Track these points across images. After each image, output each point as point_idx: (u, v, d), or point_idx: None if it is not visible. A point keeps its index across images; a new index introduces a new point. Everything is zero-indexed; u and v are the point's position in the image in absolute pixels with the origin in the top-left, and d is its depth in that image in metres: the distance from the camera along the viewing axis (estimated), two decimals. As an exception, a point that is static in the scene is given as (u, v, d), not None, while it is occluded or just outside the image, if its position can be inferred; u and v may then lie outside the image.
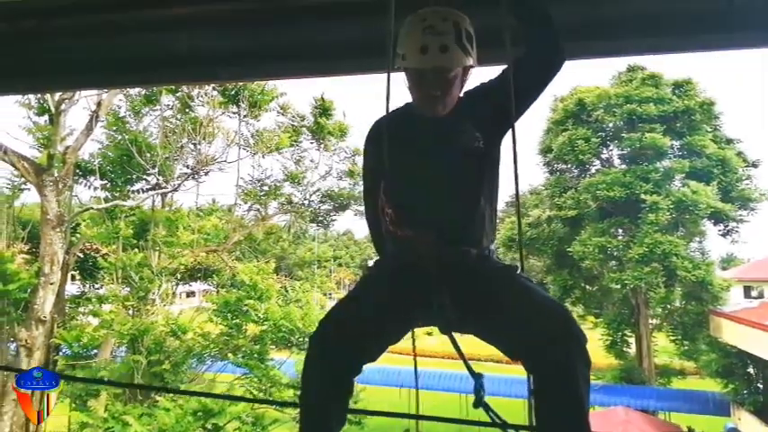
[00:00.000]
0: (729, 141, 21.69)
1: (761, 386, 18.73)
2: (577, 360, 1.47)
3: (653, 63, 22.60)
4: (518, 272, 1.69)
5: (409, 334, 1.89)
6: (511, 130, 1.77)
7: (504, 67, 1.77)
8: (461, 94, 1.77)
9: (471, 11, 2.14)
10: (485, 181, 1.73)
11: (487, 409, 1.61)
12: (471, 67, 1.71)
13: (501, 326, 1.60)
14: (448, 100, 1.70)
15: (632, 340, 22.29)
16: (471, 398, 1.67)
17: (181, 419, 7.80)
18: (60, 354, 11.39)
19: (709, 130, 21.30)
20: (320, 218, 14.07)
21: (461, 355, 1.72)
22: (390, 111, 1.79)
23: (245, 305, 9.87)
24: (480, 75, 1.84)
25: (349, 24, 2.59)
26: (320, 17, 2.58)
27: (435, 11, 1.67)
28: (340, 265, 43.89)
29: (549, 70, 1.76)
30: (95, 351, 11.29)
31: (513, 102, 1.69)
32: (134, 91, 12.80)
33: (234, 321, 10.14)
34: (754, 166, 21.76)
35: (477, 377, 1.63)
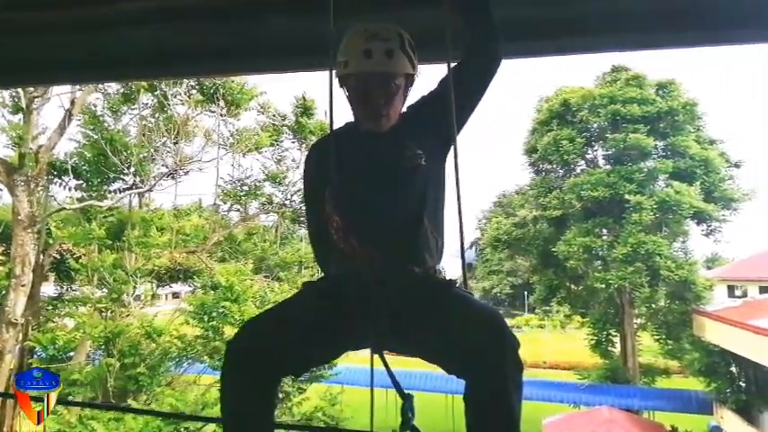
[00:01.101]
0: (712, 142, 21.87)
1: (743, 385, 18.86)
2: (509, 367, 1.42)
3: (636, 62, 22.73)
4: (456, 285, 1.62)
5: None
6: (454, 136, 1.71)
7: (443, 75, 1.73)
8: (403, 110, 1.72)
9: (412, 10, 2.09)
10: (428, 198, 1.66)
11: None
12: (413, 78, 1.68)
13: (436, 339, 1.53)
14: (392, 112, 1.65)
15: (617, 339, 22.38)
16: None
17: (150, 422, 7.66)
18: (35, 357, 11.17)
19: (693, 130, 21.43)
20: (301, 218, 13.95)
21: (391, 376, 1.62)
22: (332, 130, 1.74)
23: (222, 307, 9.74)
24: (422, 75, 1.80)
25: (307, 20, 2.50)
26: (287, 12, 2.47)
27: (376, 23, 1.64)
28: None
29: (487, 71, 1.74)
30: (72, 354, 11.09)
31: (453, 108, 1.64)
32: (112, 89, 12.59)
33: (210, 324, 9.99)
34: (737, 166, 21.98)
35: (406, 398, 1.56)
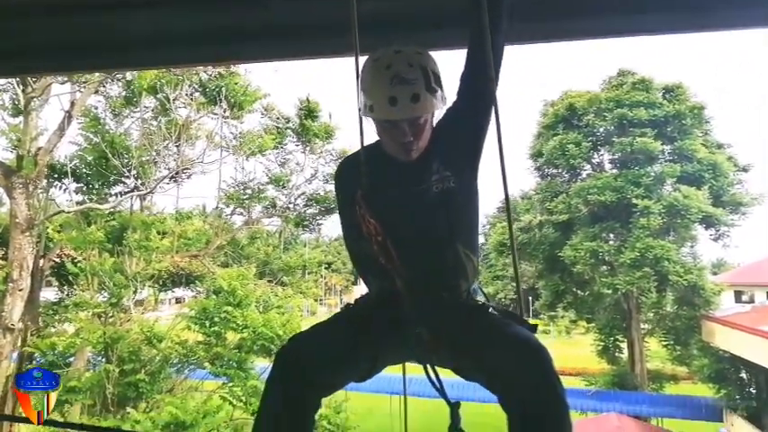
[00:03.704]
0: (720, 146, 21.64)
1: (753, 391, 18.58)
2: (547, 386, 1.41)
3: (643, 66, 22.56)
4: (489, 310, 1.64)
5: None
6: (497, 141, 1.70)
7: (459, 86, 1.74)
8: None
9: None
10: (457, 221, 1.67)
11: None
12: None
13: (472, 361, 1.57)
14: (421, 143, 1.64)
15: (624, 345, 22.10)
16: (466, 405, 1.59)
17: (150, 432, 7.48)
18: (34, 362, 11.00)
19: (700, 134, 21.22)
20: (305, 222, 13.79)
21: (440, 387, 1.56)
22: (362, 147, 1.78)
23: (224, 312, 9.55)
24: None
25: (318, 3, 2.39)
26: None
27: (398, 54, 1.56)
28: (328, 269, 43.46)
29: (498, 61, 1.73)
30: (72, 359, 10.92)
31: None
32: (114, 92, 12.49)
33: (212, 329, 9.80)
34: (745, 170, 21.70)
35: (453, 405, 1.54)
